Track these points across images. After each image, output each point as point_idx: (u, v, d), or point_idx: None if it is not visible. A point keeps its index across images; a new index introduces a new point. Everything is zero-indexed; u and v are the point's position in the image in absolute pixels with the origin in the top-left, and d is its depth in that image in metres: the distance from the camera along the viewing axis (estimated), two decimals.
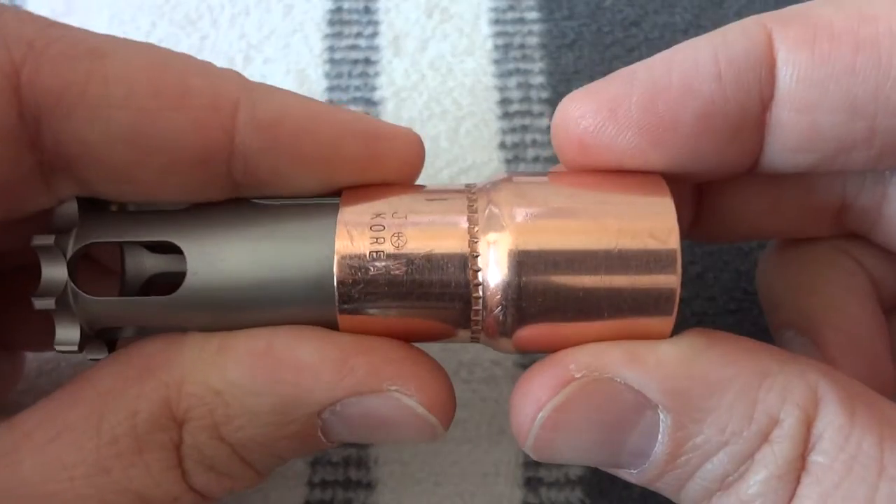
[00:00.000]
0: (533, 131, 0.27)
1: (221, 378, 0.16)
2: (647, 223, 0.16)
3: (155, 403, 0.16)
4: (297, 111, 0.17)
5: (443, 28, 0.29)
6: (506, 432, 0.24)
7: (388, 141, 0.17)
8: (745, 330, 0.25)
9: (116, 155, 0.16)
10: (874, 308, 0.20)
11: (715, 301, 0.25)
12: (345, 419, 0.16)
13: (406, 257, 0.16)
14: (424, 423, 0.17)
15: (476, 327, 0.16)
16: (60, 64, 0.15)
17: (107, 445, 0.15)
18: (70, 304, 0.17)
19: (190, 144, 0.16)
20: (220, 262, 0.16)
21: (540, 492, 0.23)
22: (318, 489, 0.23)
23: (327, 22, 0.29)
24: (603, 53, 0.29)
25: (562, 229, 0.16)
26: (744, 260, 0.26)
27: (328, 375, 0.16)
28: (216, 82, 0.16)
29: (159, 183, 0.17)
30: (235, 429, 0.16)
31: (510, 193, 0.16)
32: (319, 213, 0.17)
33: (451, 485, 0.23)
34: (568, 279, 0.15)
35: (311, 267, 0.16)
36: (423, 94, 0.28)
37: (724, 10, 0.29)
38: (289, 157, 0.17)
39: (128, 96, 0.16)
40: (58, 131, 0.16)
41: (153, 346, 0.17)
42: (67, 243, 0.17)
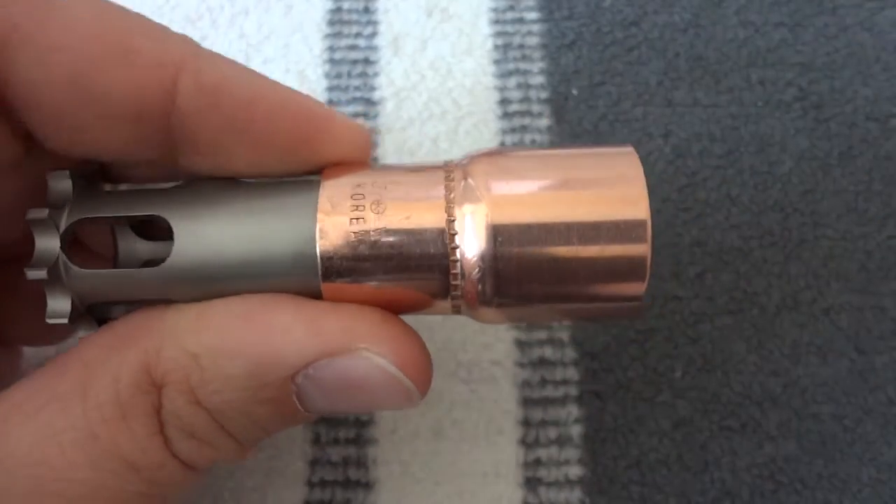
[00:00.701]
0: (532, 131, 0.27)
1: (197, 342, 0.16)
2: (618, 194, 0.16)
3: (135, 368, 0.16)
4: (240, 81, 0.17)
5: (442, 28, 0.29)
6: (505, 432, 0.24)
7: (324, 122, 0.18)
8: (744, 330, 0.25)
9: (57, 99, 0.16)
10: None
11: (714, 301, 0.25)
12: (318, 383, 0.16)
13: (386, 229, 0.16)
14: (398, 385, 0.17)
15: (456, 297, 0.17)
16: (9, 7, 0.16)
17: (92, 411, 0.16)
18: (62, 276, 0.17)
19: (128, 99, 0.16)
20: (206, 235, 0.17)
21: (539, 491, 0.23)
22: (317, 489, 0.23)
23: (327, 22, 0.29)
24: (602, 53, 0.29)
25: (536, 200, 0.16)
26: (744, 260, 0.26)
27: (299, 335, 0.16)
28: (163, 44, 0.17)
29: (100, 133, 0.17)
30: (211, 392, 0.16)
31: (486, 166, 0.17)
32: (301, 188, 0.17)
33: (451, 484, 0.23)
34: (542, 249, 0.16)
35: (293, 239, 0.17)
36: (422, 95, 0.28)
37: (723, 9, 0.29)
38: (225, 124, 0.17)
39: (71, 44, 0.16)
40: (6, 71, 0.16)
41: (137, 316, 0.17)
42: (61, 218, 0.17)
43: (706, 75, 0.28)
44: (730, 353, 0.25)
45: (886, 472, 0.24)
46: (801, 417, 0.24)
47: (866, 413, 0.24)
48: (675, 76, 0.28)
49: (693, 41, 0.29)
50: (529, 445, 0.24)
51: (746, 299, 0.25)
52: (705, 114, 0.28)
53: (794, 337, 0.25)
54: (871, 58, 0.29)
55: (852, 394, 0.24)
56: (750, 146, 0.27)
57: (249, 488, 0.23)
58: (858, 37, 0.29)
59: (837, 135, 0.27)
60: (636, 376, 0.25)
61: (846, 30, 0.29)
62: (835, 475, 0.24)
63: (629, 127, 0.27)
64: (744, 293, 0.25)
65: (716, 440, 0.24)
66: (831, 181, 0.27)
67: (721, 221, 0.26)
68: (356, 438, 0.24)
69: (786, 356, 0.25)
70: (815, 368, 0.25)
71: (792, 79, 0.28)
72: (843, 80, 0.28)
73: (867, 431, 0.24)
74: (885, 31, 0.29)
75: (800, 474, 0.24)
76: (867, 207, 0.26)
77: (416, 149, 0.27)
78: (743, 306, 0.25)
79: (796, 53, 0.29)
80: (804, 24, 0.29)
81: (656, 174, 0.27)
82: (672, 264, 0.26)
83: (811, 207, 0.26)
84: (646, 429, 0.24)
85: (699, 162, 0.27)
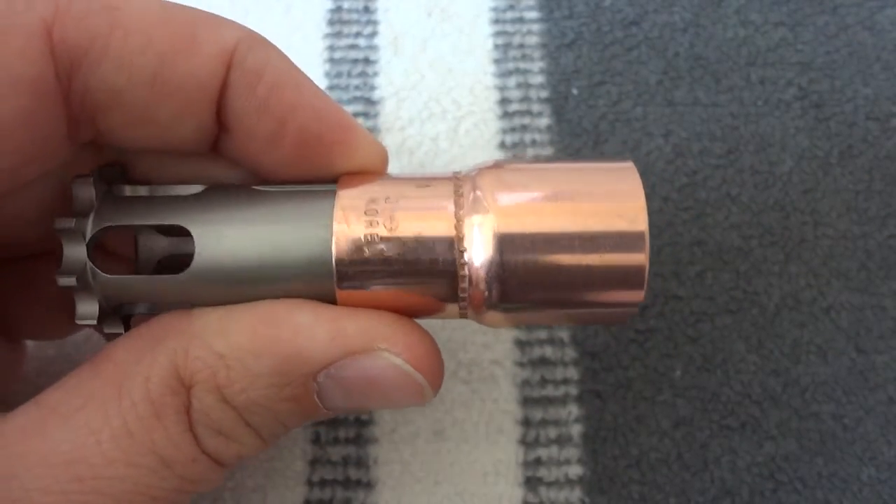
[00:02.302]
0: (532, 131, 0.27)
1: (224, 342, 0.17)
2: (619, 207, 0.17)
3: (165, 368, 0.17)
4: (280, 69, 0.18)
5: (442, 28, 0.29)
6: (505, 432, 0.24)
7: (350, 132, 0.19)
8: (744, 330, 0.25)
9: (139, 99, 0.17)
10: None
11: (714, 300, 0.25)
12: (339, 381, 0.17)
13: (398, 239, 0.17)
14: (413, 383, 0.18)
15: (463, 302, 0.18)
16: (84, 19, 0.17)
17: (127, 410, 0.16)
18: (89, 281, 0.18)
19: (197, 88, 0.17)
20: (226, 243, 0.18)
21: (539, 491, 0.23)
22: (317, 488, 0.23)
23: (327, 21, 0.29)
24: (602, 53, 0.29)
25: (540, 212, 0.17)
26: (744, 260, 0.26)
27: (322, 336, 0.17)
28: (219, 31, 0.18)
29: (170, 124, 0.18)
30: (238, 391, 0.17)
31: (493, 179, 0.18)
32: (317, 197, 0.18)
33: (451, 484, 0.23)
34: (546, 257, 0.17)
35: (310, 247, 0.17)
36: (422, 94, 0.28)
37: (723, 9, 0.29)
38: (261, 107, 0.18)
39: (147, 44, 0.17)
40: (87, 82, 0.17)
41: (164, 319, 0.18)
42: (86, 225, 0.18)
43: (706, 75, 0.28)
44: (730, 353, 0.25)
45: (886, 472, 0.24)
46: (801, 417, 0.24)
47: (866, 412, 0.24)
48: (675, 76, 0.28)
49: (693, 41, 0.29)
50: (529, 445, 0.24)
51: (746, 299, 0.25)
52: (705, 113, 0.28)
53: (794, 336, 0.25)
54: (871, 57, 0.29)
55: (852, 393, 0.24)
56: (750, 145, 0.27)
57: (249, 488, 0.23)
58: (859, 36, 0.29)
59: (837, 134, 0.27)
60: (636, 376, 0.25)
61: (846, 29, 0.29)
62: (835, 474, 0.24)
63: (629, 127, 0.27)
64: (744, 292, 0.25)
65: (716, 439, 0.24)
66: (831, 180, 0.27)
67: (721, 221, 0.26)
68: (356, 438, 0.24)
69: (786, 355, 0.25)
70: (815, 368, 0.25)
71: (792, 78, 0.28)
72: (843, 79, 0.28)
73: (867, 431, 0.24)
74: (885, 31, 0.29)
75: (800, 473, 0.24)
76: (867, 207, 0.26)
77: (415, 148, 0.27)
78: (743, 305, 0.25)
79: (796, 53, 0.29)
80: (804, 23, 0.29)
81: (656, 174, 0.27)
82: (672, 264, 0.26)
83: (811, 207, 0.26)
84: (646, 428, 0.24)
85: (699, 161, 0.27)
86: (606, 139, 0.27)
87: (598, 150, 0.27)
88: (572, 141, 0.27)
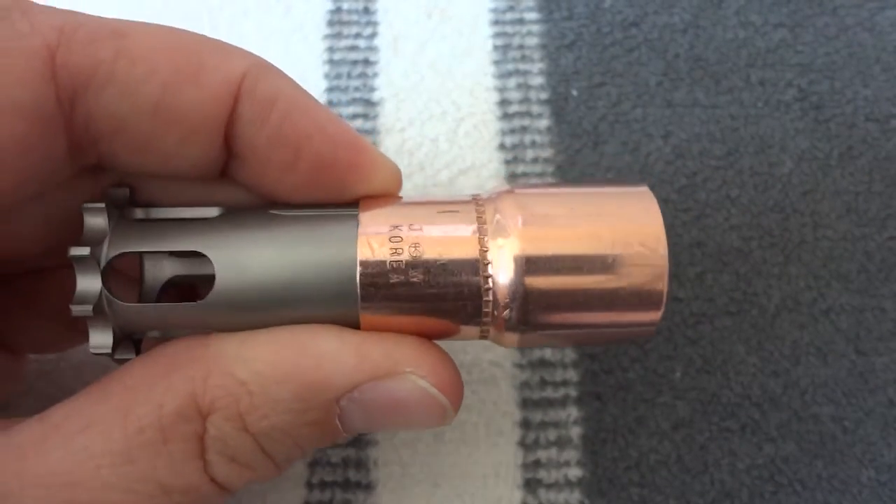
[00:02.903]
0: (532, 132, 0.27)
1: (246, 368, 0.17)
2: (638, 231, 0.18)
3: (181, 396, 0.17)
4: (291, 96, 0.18)
5: (442, 29, 0.29)
6: (504, 434, 0.24)
7: (367, 156, 0.19)
8: (744, 330, 0.25)
9: (143, 127, 0.17)
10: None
11: (714, 302, 0.25)
12: (362, 405, 0.17)
13: (423, 265, 0.17)
14: (437, 405, 0.18)
15: (486, 325, 0.18)
16: (89, 45, 0.17)
17: (133, 436, 0.16)
18: (105, 310, 0.18)
19: (201, 117, 0.17)
20: (246, 270, 0.17)
21: (539, 493, 0.23)
22: (317, 490, 0.23)
23: (326, 22, 0.29)
24: (602, 54, 0.29)
25: (562, 236, 0.17)
26: (744, 261, 0.26)
27: (348, 361, 0.17)
28: (226, 59, 0.18)
29: (174, 151, 0.18)
30: (260, 418, 0.17)
31: (515, 204, 0.18)
32: (339, 222, 0.18)
33: (451, 486, 0.23)
34: (568, 280, 0.17)
35: (334, 272, 0.17)
36: (422, 95, 0.28)
37: (723, 10, 0.29)
38: (274, 136, 0.18)
39: (152, 72, 0.17)
40: (90, 109, 0.17)
41: (180, 345, 0.18)
42: (100, 253, 0.18)
43: (706, 76, 0.28)
44: (729, 355, 0.25)
45: (886, 474, 0.24)
46: (801, 419, 0.24)
47: (866, 414, 0.24)
48: (675, 77, 0.28)
49: (693, 42, 0.29)
50: (529, 447, 0.24)
51: (746, 300, 0.25)
52: (705, 114, 0.28)
53: (793, 338, 0.25)
54: (871, 58, 0.29)
55: (852, 395, 0.24)
56: (750, 147, 0.27)
57: (249, 490, 0.23)
58: (858, 37, 0.29)
59: (837, 135, 0.27)
60: (636, 377, 0.25)
61: (846, 30, 0.29)
62: (834, 476, 0.24)
63: (629, 127, 0.27)
64: (743, 294, 0.25)
65: (715, 441, 0.24)
66: (831, 182, 0.27)
67: (721, 222, 0.26)
68: (356, 440, 0.24)
69: (785, 357, 0.25)
70: (814, 370, 0.25)
71: (792, 79, 0.28)
72: (843, 80, 0.28)
73: (867, 433, 0.24)
74: (885, 32, 0.29)
75: (799, 475, 0.24)
76: (867, 208, 0.26)
77: (415, 149, 0.27)
78: (743, 307, 0.25)
79: (796, 54, 0.29)
80: (804, 24, 0.29)
81: (656, 175, 0.27)
82: (672, 265, 0.26)
83: (811, 208, 0.26)
84: (645, 430, 0.24)
85: (699, 163, 0.27)
86: (606, 140, 0.27)
87: (597, 151, 0.27)
88: (572, 142, 0.27)
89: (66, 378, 0.24)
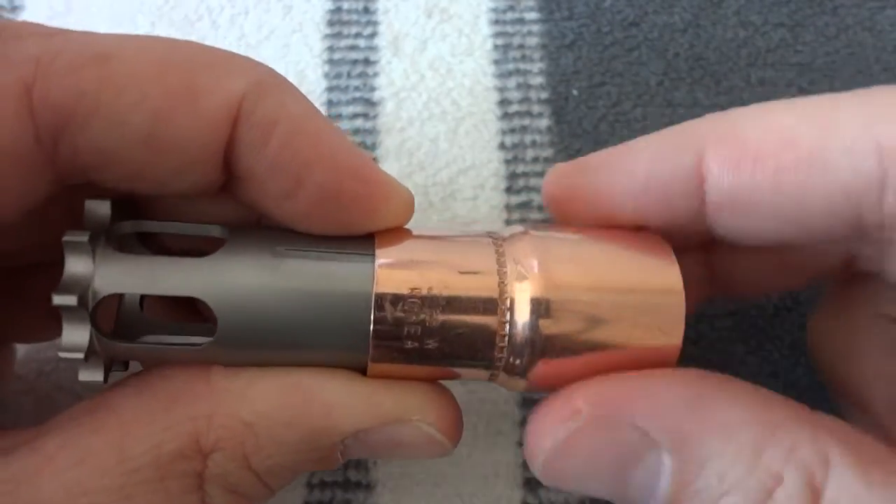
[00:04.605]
0: (532, 132, 0.27)
1: (252, 410, 0.16)
2: (656, 282, 0.17)
3: (182, 437, 0.16)
4: (295, 117, 0.17)
5: (442, 28, 0.29)
6: (504, 433, 0.24)
7: (379, 188, 0.17)
8: (744, 330, 0.25)
9: (134, 157, 0.16)
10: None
11: (714, 302, 0.25)
12: (365, 443, 0.17)
13: (440, 333, 0.17)
14: (438, 445, 0.18)
15: (497, 368, 0.17)
16: (69, 75, 0.15)
17: (129, 474, 0.16)
18: (95, 349, 0.17)
19: (195, 144, 0.16)
20: (248, 317, 0.16)
21: (539, 492, 0.23)
22: (317, 490, 0.23)
23: (326, 22, 0.29)
24: (602, 54, 0.29)
25: (583, 282, 0.17)
26: None
27: (357, 409, 0.17)
28: (225, 79, 0.16)
29: (166, 178, 0.17)
30: (264, 458, 0.17)
31: (534, 246, 0.17)
32: (351, 268, 0.17)
33: (451, 486, 0.23)
34: (584, 330, 0.17)
35: (344, 324, 0.17)
36: (422, 95, 0.28)
37: (723, 10, 0.29)
38: (275, 162, 0.16)
39: (141, 100, 0.15)
40: (75, 144, 0.16)
41: (178, 378, 0.17)
42: (87, 298, 0.16)
43: (706, 75, 0.28)
44: (729, 354, 0.25)
45: None
46: None
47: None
48: (675, 76, 0.28)
49: (693, 41, 0.29)
50: None
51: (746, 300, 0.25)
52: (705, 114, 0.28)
53: (793, 337, 0.25)
54: (871, 58, 0.29)
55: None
56: None
57: None
58: (858, 37, 0.29)
59: None
60: None
61: (846, 30, 0.29)
62: None
63: (629, 127, 0.27)
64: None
65: None
66: None
67: None
68: None
69: (785, 357, 0.25)
70: (814, 369, 0.25)
71: (792, 79, 0.28)
72: (843, 80, 0.28)
73: None
74: (885, 31, 0.29)
75: None
76: None
77: (415, 149, 0.27)
78: (742, 306, 0.25)
79: (796, 54, 0.29)
80: (804, 24, 0.29)
81: None
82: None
83: None
84: None
85: None
86: (606, 140, 0.27)
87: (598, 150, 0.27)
88: (572, 142, 0.27)
89: (66, 378, 0.24)
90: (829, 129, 0.16)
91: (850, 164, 0.16)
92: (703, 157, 0.17)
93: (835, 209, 0.16)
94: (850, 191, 0.16)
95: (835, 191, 0.16)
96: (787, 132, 0.17)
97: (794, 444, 0.15)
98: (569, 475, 0.17)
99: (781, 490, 0.15)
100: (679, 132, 0.18)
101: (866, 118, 0.16)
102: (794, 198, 0.16)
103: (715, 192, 0.17)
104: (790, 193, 0.16)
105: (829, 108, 0.17)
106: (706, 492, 0.15)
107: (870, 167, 0.16)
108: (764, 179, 0.17)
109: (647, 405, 0.16)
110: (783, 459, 0.15)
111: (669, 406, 0.16)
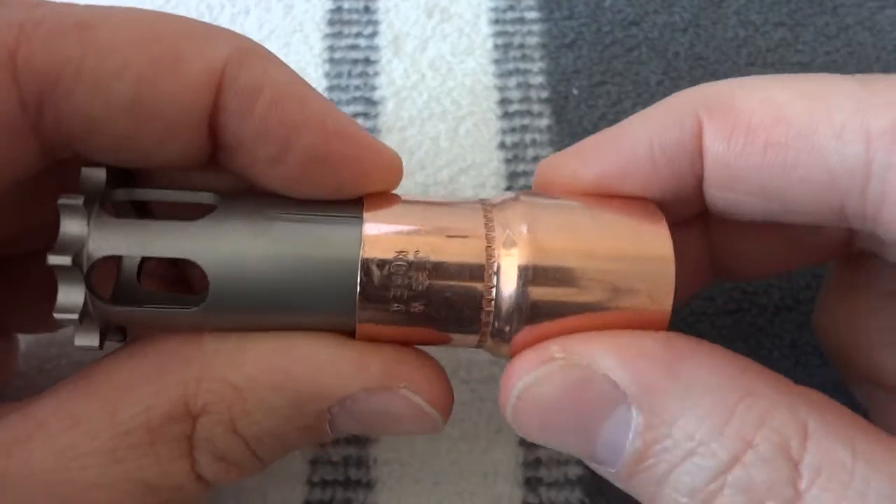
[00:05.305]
0: (532, 131, 0.27)
1: (241, 374, 0.17)
2: (646, 248, 0.17)
3: (172, 399, 0.16)
4: (279, 83, 0.17)
5: (442, 28, 0.29)
6: (504, 431, 0.24)
7: (368, 152, 0.18)
8: (744, 330, 0.25)
9: (118, 125, 0.16)
10: None
11: (714, 301, 0.25)
12: (353, 413, 0.17)
13: (426, 295, 0.17)
14: (428, 418, 0.18)
15: (485, 333, 0.17)
16: (53, 42, 0.15)
17: (120, 437, 0.16)
18: (90, 312, 0.17)
19: (180, 110, 0.16)
20: (240, 279, 0.17)
21: (539, 491, 0.23)
22: (317, 488, 0.23)
23: (327, 22, 0.29)
24: (602, 53, 0.29)
25: (571, 247, 0.17)
26: None
27: (344, 372, 0.17)
28: (208, 46, 0.16)
29: (151, 146, 0.17)
30: (251, 422, 0.17)
31: (524, 211, 0.17)
32: (339, 231, 0.17)
33: (451, 484, 0.23)
34: (571, 294, 0.17)
35: (333, 284, 0.17)
36: (422, 94, 0.28)
37: (723, 9, 0.29)
38: (261, 129, 0.17)
39: (125, 66, 0.16)
40: (59, 110, 0.16)
41: (170, 343, 0.17)
42: (81, 258, 0.16)
43: (706, 75, 0.28)
44: None
45: None
46: None
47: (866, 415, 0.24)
48: (675, 76, 0.28)
49: (693, 41, 0.29)
50: (529, 445, 0.24)
51: (746, 299, 0.25)
52: None
53: (793, 337, 0.25)
54: (871, 58, 0.29)
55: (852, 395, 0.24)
56: None
57: (249, 488, 0.23)
58: (858, 37, 0.29)
59: None
60: None
61: (846, 30, 0.29)
62: None
63: None
64: (743, 293, 0.25)
65: None
66: None
67: None
68: (356, 438, 0.24)
69: (785, 356, 0.25)
70: (814, 369, 0.25)
71: None
72: None
73: None
74: (885, 31, 0.29)
75: None
76: None
77: (416, 148, 0.27)
78: (742, 306, 0.25)
79: (796, 53, 0.29)
80: (804, 23, 0.29)
81: None
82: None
83: None
84: None
85: None
86: None
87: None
88: (572, 141, 0.27)
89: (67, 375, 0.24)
90: (822, 110, 0.16)
91: (838, 149, 0.16)
92: (701, 128, 0.17)
93: (820, 191, 0.16)
94: (836, 175, 0.16)
95: (821, 173, 0.16)
96: (781, 108, 0.17)
97: (767, 411, 0.15)
98: (537, 422, 0.17)
99: (752, 454, 0.15)
100: (677, 102, 0.18)
101: (859, 104, 0.16)
102: (780, 175, 0.16)
103: (710, 161, 0.17)
104: (776, 171, 0.16)
105: (825, 88, 0.17)
106: (673, 451, 0.15)
107: (856, 153, 0.16)
108: (753, 152, 0.17)
109: (620, 358, 0.16)
110: (754, 425, 0.15)
111: (643, 362, 0.16)
